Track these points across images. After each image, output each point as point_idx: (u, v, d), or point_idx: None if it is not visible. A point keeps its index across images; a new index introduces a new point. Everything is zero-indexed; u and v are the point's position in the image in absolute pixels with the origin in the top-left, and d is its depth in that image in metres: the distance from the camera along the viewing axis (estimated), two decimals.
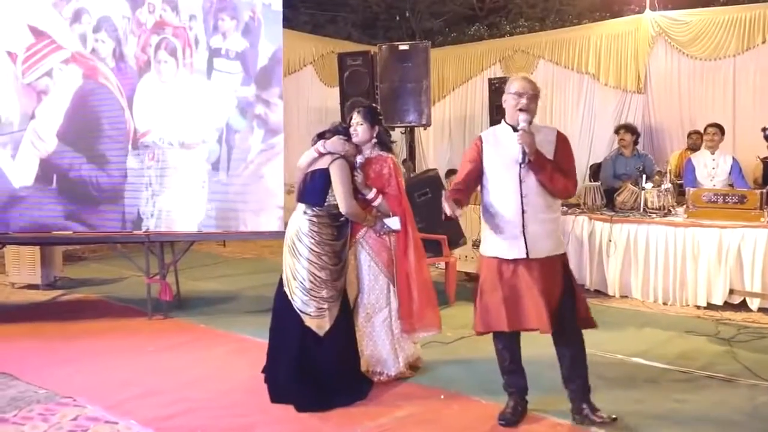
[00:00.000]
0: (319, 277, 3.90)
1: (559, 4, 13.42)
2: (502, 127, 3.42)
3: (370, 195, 4.03)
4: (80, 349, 4.85)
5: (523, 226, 3.27)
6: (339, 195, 3.91)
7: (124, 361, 4.61)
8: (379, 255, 4.09)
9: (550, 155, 3.29)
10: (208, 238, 6.43)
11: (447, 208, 3.16)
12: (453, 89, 11.84)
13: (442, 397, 3.87)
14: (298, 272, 3.93)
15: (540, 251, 3.28)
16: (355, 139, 4.08)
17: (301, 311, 3.91)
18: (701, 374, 4.17)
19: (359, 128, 4.07)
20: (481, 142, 3.44)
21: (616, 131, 7.42)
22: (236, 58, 5.71)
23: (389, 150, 4.21)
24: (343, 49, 11.15)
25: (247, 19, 5.70)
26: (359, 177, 4.03)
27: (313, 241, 3.92)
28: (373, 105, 4.36)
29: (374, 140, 4.13)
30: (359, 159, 4.10)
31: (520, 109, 3.27)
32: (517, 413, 3.48)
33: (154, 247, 5.82)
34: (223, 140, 5.73)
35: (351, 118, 4.14)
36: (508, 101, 3.35)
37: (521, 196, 3.28)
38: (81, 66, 5.73)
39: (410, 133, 8.63)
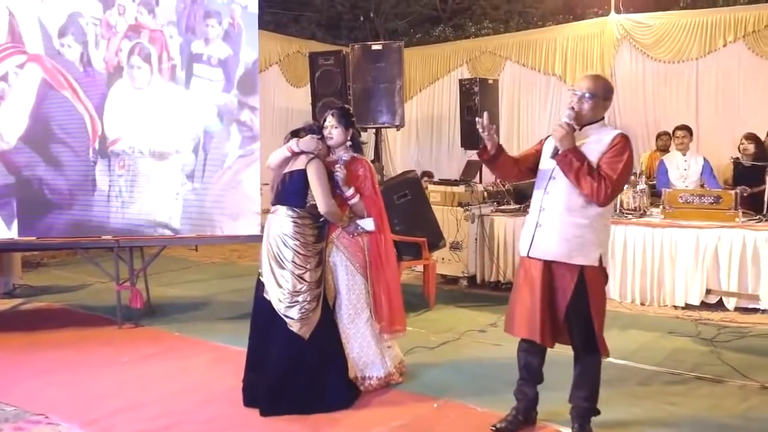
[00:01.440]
0: (304, 281, 3.80)
1: (522, 6, 13.49)
2: None
3: (349, 192, 3.93)
4: (48, 362, 4.60)
5: (537, 223, 3.19)
6: (318, 195, 3.81)
7: (98, 373, 4.39)
8: (354, 256, 4.00)
9: (594, 155, 3.10)
10: (181, 242, 6.21)
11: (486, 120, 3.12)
12: (420, 90, 11.80)
13: (435, 405, 3.78)
14: (284, 277, 3.80)
15: (545, 252, 3.16)
16: (329, 142, 3.98)
17: (286, 316, 3.78)
18: (691, 376, 4.18)
19: (334, 131, 3.97)
20: (545, 140, 3.38)
21: None
22: (218, 65, 5.51)
23: (361, 152, 4.17)
24: (309, 48, 10.98)
25: (227, 26, 5.51)
26: (342, 173, 3.92)
27: (298, 243, 3.81)
28: (346, 107, 4.26)
29: (348, 142, 4.04)
30: (343, 156, 3.99)
31: (568, 107, 3.16)
32: (514, 424, 3.40)
33: (122, 253, 5.58)
34: (200, 149, 5.52)
35: (324, 120, 4.02)
36: (570, 98, 3.24)
37: (544, 193, 3.20)
38: (40, 70, 5.42)
39: (377, 134, 8.54)
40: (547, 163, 3.24)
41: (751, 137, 6.91)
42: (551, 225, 3.16)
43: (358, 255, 3.98)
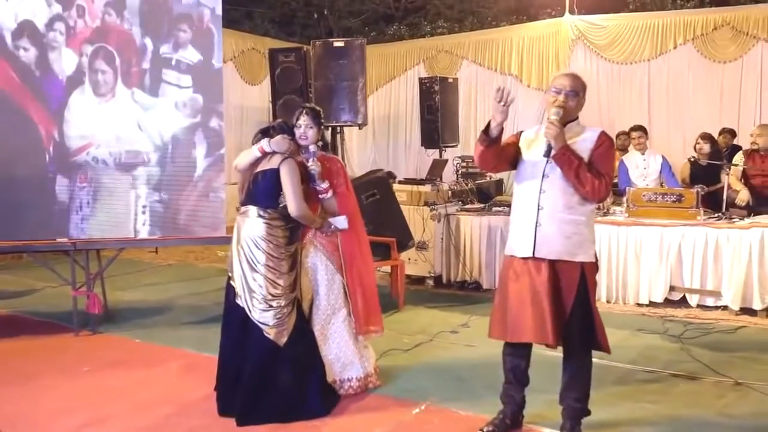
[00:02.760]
0: (277, 284, 3.67)
1: (476, 6, 13.58)
2: (542, 125, 3.28)
3: (324, 186, 3.84)
4: (1, 373, 4.34)
5: (537, 222, 3.14)
6: (289, 196, 3.68)
7: (56, 384, 4.15)
8: (333, 254, 3.91)
9: (584, 154, 3.10)
10: (141, 244, 5.96)
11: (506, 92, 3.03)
12: (376, 89, 11.73)
13: (417, 410, 3.69)
14: (256, 281, 3.67)
15: (550, 252, 3.11)
16: (303, 142, 3.87)
17: (260, 322, 3.65)
18: (665, 373, 4.21)
19: (309, 131, 3.86)
20: (521, 134, 3.34)
21: None
22: (187, 70, 5.31)
23: (329, 150, 4.13)
24: (264, 45, 10.80)
25: (196, 30, 5.31)
26: (317, 167, 3.81)
27: (271, 246, 3.69)
28: (316, 107, 4.18)
29: (320, 142, 3.95)
30: (312, 149, 3.87)
31: (555, 105, 3.12)
32: (501, 428, 3.34)
33: (77, 256, 5.31)
34: (168, 156, 5.32)
35: (298, 119, 3.90)
36: (548, 98, 3.21)
37: (540, 192, 3.15)
38: None
39: (336, 132, 8.42)
40: (536, 160, 3.20)
41: (707, 137, 7.07)
42: (552, 224, 3.12)
43: (335, 254, 3.90)
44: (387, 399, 3.85)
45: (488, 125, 3.13)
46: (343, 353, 3.88)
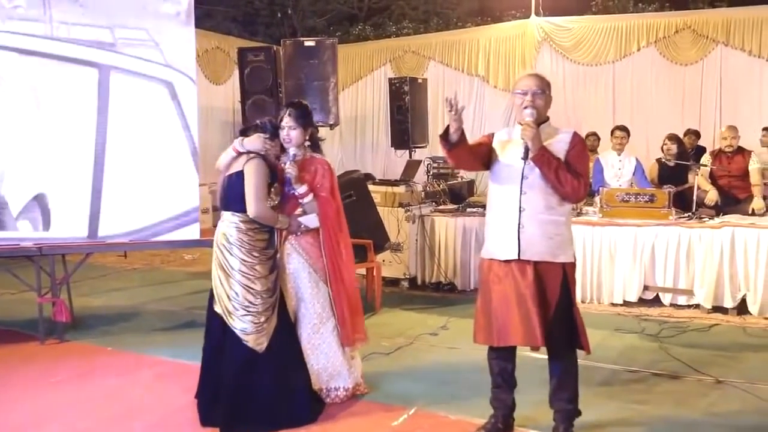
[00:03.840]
0: (253, 290, 3.56)
1: (440, 7, 13.62)
2: (514, 127, 3.26)
3: (301, 190, 3.72)
4: None
5: (519, 224, 3.11)
6: (247, 197, 3.58)
7: (25, 396, 3.96)
8: (317, 262, 3.79)
9: (560, 155, 3.11)
10: (111, 249, 5.75)
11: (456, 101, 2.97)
12: (342, 89, 11.61)
13: (406, 416, 3.62)
14: (232, 288, 3.56)
15: (534, 253, 3.09)
16: (287, 145, 3.75)
17: (236, 329, 3.54)
18: (648, 373, 4.23)
19: (293, 133, 3.74)
20: (493, 135, 3.33)
21: None
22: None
23: (320, 150, 3.93)
24: (228, 45, 10.62)
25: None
26: (292, 170, 3.70)
27: (243, 250, 3.58)
28: (304, 103, 4.03)
29: (307, 142, 3.83)
30: (292, 152, 3.76)
31: (525, 106, 3.11)
32: None
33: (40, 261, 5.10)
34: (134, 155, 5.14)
35: (281, 120, 3.79)
36: (515, 101, 3.20)
37: (520, 194, 3.12)
38: None
39: None
40: (513, 162, 3.17)
41: (674, 138, 7.16)
42: (534, 225, 3.11)
43: (319, 261, 3.77)
44: (374, 405, 3.77)
45: (447, 130, 3.10)
46: (331, 364, 3.77)
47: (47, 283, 5.11)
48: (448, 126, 3.08)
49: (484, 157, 3.30)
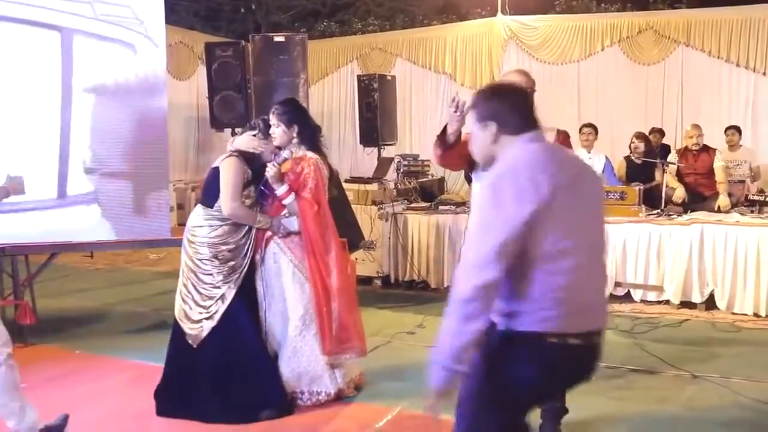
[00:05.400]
0: (207, 283, 3.61)
1: (404, 4, 13.59)
2: None
3: (281, 190, 3.64)
4: None
5: None
6: (221, 194, 3.59)
7: None
8: (303, 263, 3.72)
9: None
10: (78, 249, 5.57)
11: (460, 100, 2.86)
12: (309, 86, 11.49)
13: (390, 416, 3.59)
14: (189, 280, 3.64)
15: None
16: (274, 143, 3.74)
17: (179, 319, 3.63)
18: (625, 369, 4.28)
19: (276, 131, 3.71)
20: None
21: None
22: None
23: (316, 148, 3.83)
24: (192, 40, 10.41)
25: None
26: (271, 171, 3.64)
27: (205, 243, 3.61)
28: (293, 99, 3.96)
29: (295, 139, 3.75)
30: (285, 152, 3.70)
31: None
32: None
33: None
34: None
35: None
36: None
37: None
38: None
39: None
40: None
41: (641, 136, 7.27)
42: None
43: (305, 262, 3.70)
44: (357, 405, 3.74)
45: (444, 131, 3.07)
46: (312, 368, 3.70)
47: (9, 284, 4.93)
48: (445, 126, 3.03)
49: (470, 157, 3.27)
